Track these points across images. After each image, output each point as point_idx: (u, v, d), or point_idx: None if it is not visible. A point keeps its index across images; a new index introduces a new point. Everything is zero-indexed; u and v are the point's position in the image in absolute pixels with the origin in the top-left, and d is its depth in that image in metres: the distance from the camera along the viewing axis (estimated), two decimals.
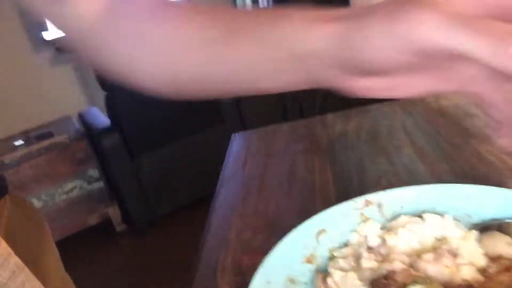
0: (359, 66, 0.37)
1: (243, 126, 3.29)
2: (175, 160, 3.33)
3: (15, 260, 0.54)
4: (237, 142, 1.15)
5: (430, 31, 0.31)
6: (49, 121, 3.49)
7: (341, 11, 0.38)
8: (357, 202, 0.59)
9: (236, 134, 1.21)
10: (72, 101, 3.68)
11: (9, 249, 0.53)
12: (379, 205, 0.58)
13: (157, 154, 3.25)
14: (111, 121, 3.12)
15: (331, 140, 1.02)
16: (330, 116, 1.16)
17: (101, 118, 3.28)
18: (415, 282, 0.45)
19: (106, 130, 3.09)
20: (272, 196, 0.85)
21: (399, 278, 0.48)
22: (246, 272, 0.65)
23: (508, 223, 0.52)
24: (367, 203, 0.59)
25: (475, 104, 0.96)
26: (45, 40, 3.39)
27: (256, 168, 0.98)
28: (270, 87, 0.47)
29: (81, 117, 3.43)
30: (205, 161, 3.10)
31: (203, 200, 2.17)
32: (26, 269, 0.55)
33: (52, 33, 3.36)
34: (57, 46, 3.41)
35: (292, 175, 0.91)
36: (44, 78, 3.57)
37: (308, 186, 0.85)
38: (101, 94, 3.13)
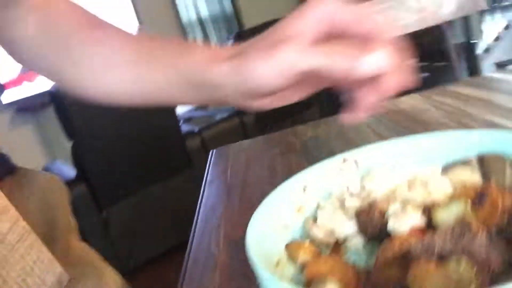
0: (252, 91, 0.49)
1: None
2: (145, 209, 3.29)
3: (23, 224, 0.56)
4: (216, 155, 1.21)
5: (296, 58, 0.44)
6: None
7: (230, 49, 0.50)
8: (336, 160, 0.66)
9: (214, 150, 1.27)
10: (34, 159, 3.64)
11: (17, 214, 0.56)
12: (356, 162, 0.65)
13: (126, 204, 3.21)
14: (77, 172, 3.08)
15: (304, 142, 1.10)
16: (300, 127, 1.25)
17: (66, 170, 3.24)
18: (395, 201, 0.51)
19: (72, 181, 3.05)
20: (255, 189, 0.90)
21: (381, 205, 0.54)
22: (242, 240, 0.70)
23: (466, 159, 0.60)
24: (345, 160, 0.66)
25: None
26: (3, 103, 3.39)
27: (235, 171, 1.04)
28: (185, 102, 0.60)
29: (46, 170, 3.38)
30: (175, 208, 3.09)
31: (176, 248, 2.12)
32: (33, 234, 0.57)
33: (10, 95, 3.37)
34: (17, 107, 3.42)
35: (272, 171, 0.97)
36: (4, 140, 3.53)
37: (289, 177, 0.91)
38: (64, 148, 3.12)
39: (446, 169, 0.60)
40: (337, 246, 0.57)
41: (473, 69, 3.76)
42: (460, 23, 3.73)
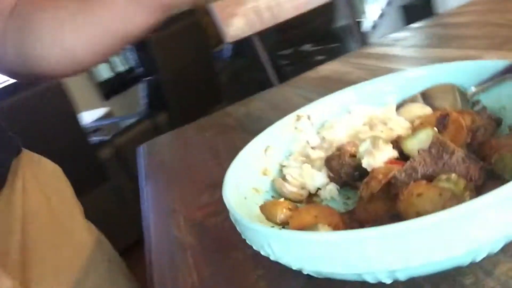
0: None
1: (131, 181, 3.18)
2: None
3: None
4: (146, 150, 1.14)
5: None
6: None
7: None
8: (291, 118, 0.65)
9: (142, 146, 1.20)
10: None
11: None
12: (309, 117, 0.65)
13: None
14: None
15: (239, 120, 1.08)
16: (230, 107, 1.22)
17: None
18: (364, 140, 0.51)
19: None
20: (201, 171, 0.86)
21: (349, 148, 0.54)
22: (203, 220, 0.66)
23: (411, 97, 0.62)
24: (298, 117, 0.65)
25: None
26: None
27: (174, 159, 0.99)
28: (134, 31, 0.62)
29: None
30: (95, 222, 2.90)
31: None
32: None
33: None
34: None
35: (215, 151, 0.94)
36: None
37: (233, 152, 0.88)
38: None
39: (396, 109, 0.62)
40: (310, 199, 0.56)
41: (364, 46, 4.02)
42: (344, 4, 3.97)
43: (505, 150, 0.44)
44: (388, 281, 0.37)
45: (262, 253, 0.41)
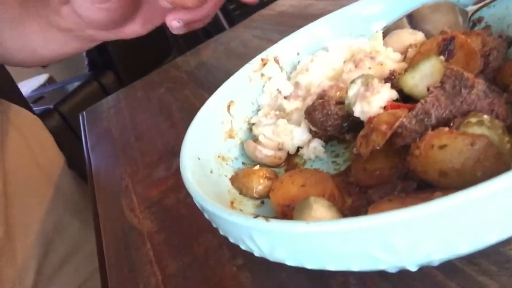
0: (91, 24, 0.51)
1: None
2: None
3: None
4: (90, 116, 0.99)
5: None
6: None
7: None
8: (254, 64, 0.53)
9: (83, 113, 1.04)
10: None
11: None
12: (276, 60, 0.53)
13: None
14: None
15: (191, 73, 0.94)
16: (179, 59, 1.08)
17: None
18: (353, 81, 0.40)
19: None
20: (153, 137, 0.73)
21: (333, 93, 0.43)
22: (161, 199, 0.54)
23: (396, 23, 0.51)
24: (264, 61, 0.53)
25: None
26: None
27: (122, 124, 0.85)
28: (68, 52, 0.61)
29: None
30: None
31: None
32: None
33: None
34: None
35: (168, 111, 0.81)
36: None
37: (188, 111, 0.76)
38: None
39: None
40: (291, 162, 0.46)
41: None
42: None
43: None
44: (415, 268, 0.28)
45: (243, 247, 0.31)
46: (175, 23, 0.47)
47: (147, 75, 1.07)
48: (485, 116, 0.30)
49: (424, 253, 0.24)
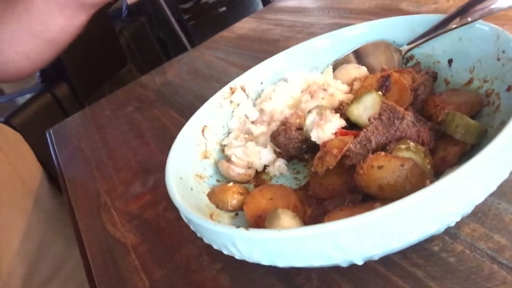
0: None
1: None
2: None
3: None
4: (57, 134, 1.03)
5: None
6: None
7: None
8: (224, 92, 0.60)
9: (49, 130, 1.07)
10: None
11: None
12: (243, 88, 0.61)
13: None
14: None
15: (158, 91, 1.00)
16: (144, 77, 1.13)
17: None
18: (309, 112, 0.48)
19: None
20: (126, 155, 0.79)
21: (293, 120, 0.51)
22: (141, 213, 0.60)
23: (344, 58, 0.60)
24: (232, 90, 0.60)
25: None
26: None
27: (93, 142, 0.90)
28: (57, 32, 0.63)
29: None
30: None
31: None
32: None
33: None
34: None
35: (137, 129, 0.86)
36: None
37: (158, 129, 0.82)
38: None
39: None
40: (259, 177, 0.53)
41: None
42: None
43: (450, 108, 0.44)
44: (361, 262, 0.36)
45: (225, 252, 0.38)
46: None
47: (113, 93, 1.11)
48: (411, 143, 0.39)
49: (366, 249, 0.32)
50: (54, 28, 0.62)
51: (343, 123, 0.47)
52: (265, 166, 0.53)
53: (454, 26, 0.49)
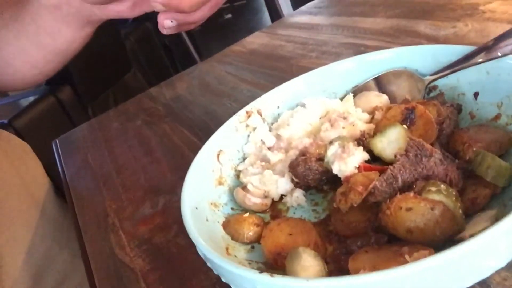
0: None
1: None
2: None
3: None
4: (63, 145, 1.01)
5: None
6: None
7: None
8: (240, 116, 0.58)
9: (55, 141, 1.06)
10: None
11: None
12: (259, 112, 0.59)
13: None
14: None
15: (167, 105, 0.99)
16: (154, 89, 1.12)
17: None
18: (331, 143, 0.47)
19: None
20: (136, 172, 0.77)
21: (313, 150, 0.50)
22: (151, 237, 0.58)
23: (364, 84, 0.59)
24: (248, 113, 0.59)
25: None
26: None
27: (101, 156, 0.88)
28: (64, 44, 0.63)
29: None
30: None
31: None
32: None
33: None
34: None
35: (146, 145, 0.85)
36: None
37: (168, 147, 0.81)
38: None
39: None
40: (275, 207, 0.52)
41: (270, 4, 3.97)
42: None
43: (479, 147, 0.43)
44: None
45: None
46: (167, 22, 0.48)
47: (120, 105, 1.10)
48: (442, 185, 0.38)
49: None
50: (61, 40, 0.62)
51: (366, 156, 0.46)
52: (282, 196, 0.51)
53: (480, 60, 0.48)
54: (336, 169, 0.45)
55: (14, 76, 0.66)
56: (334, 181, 0.48)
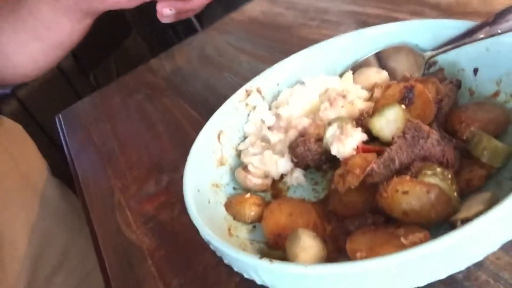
0: None
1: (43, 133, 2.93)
2: None
3: None
4: (66, 120, 1.02)
5: None
6: None
7: None
8: (239, 94, 0.59)
9: (59, 115, 1.06)
10: None
11: None
12: (258, 90, 0.59)
13: None
14: None
15: (167, 78, 0.99)
16: (154, 61, 1.11)
17: None
18: (329, 124, 0.47)
19: None
20: (138, 148, 0.78)
21: (312, 131, 0.50)
22: (156, 215, 0.60)
23: (364, 60, 0.59)
24: (248, 92, 0.59)
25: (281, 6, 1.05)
26: None
27: (104, 132, 0.89)
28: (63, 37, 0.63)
29: None
30: None
31: None
32: None
33: None
34: None
35: (148, 121, 0.85)
36: None
37: (170, 122, 0.81)
38: None
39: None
40: (275, 186, 0.53)
41: None
42: None
43: (476, 126, 0.43)
44: None
45: (246, 276, 0.38)
46: (166, 11, 0.49)
47: (121, 77, 1.10)
48: (438, 169, 0.38)
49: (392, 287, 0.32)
50: (60, 32, 0.62)
51: (364, 137, 0.46)
52: (282, 175, 0.52)
53: (482, 36, 0.47)
54: (335, 150, 0.46)
55: (14, 70, 0.67)
56: (333, 160, 0.49)
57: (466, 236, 0.29)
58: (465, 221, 0.34)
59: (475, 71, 0.49)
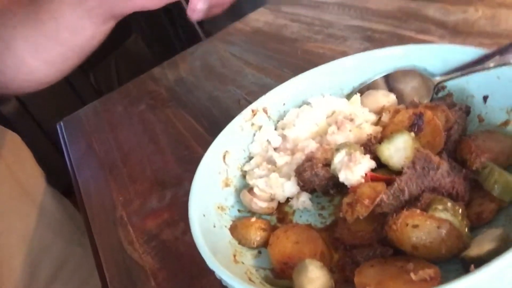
0: None
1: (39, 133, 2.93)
2: None
3: None
4: (68, 128, 1.01)
5: None
6: None
7: None
8: (244, 114, 0.58)
9: (61, 122, 1.06)
10: None
11: None
12: (264, 110, 0.59)
13: None
14: None
15: (170, 88, 0.98)
16: (156, 69, 1.10)
17: None
18: (337, 149, 0.47)
19: None
20: (141, 160, 0.78)
21: (320, 155, 0.50)
22: (159, 233, 0.59)
23: (372, 82, 0.58)
24: (254, 112, 0.58)
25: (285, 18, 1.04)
26: None
27: (106, 142, 0.88)
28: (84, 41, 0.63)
29: None
30: None
31: None
32: None
33: None
34: None
35: (150, 132, 0.85)
36: None
37: (173, 135, 0.81)
38: None
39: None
40: (281, 209, 0.52)
41: None
42: None
43: (487, 157, 0.43)
44: None
45: None
46: (200, 4, 0.49)
47: (124, 86, 1.09)
48: (449, 204, 0.38)
49: None
50: (83, 36, 0.62)
51: (373, 164, 0.46)
52: (288, 198, 0.52)
53: (492, 64, 0.47)
54: (343, 177, 0.45)
55: (28, 75, 0.66)
56: (340, 185, 0.48)
57: (481, 280, 0.29)
58: (477, 259, 0.34)
59: (485, 98, 0.49)
